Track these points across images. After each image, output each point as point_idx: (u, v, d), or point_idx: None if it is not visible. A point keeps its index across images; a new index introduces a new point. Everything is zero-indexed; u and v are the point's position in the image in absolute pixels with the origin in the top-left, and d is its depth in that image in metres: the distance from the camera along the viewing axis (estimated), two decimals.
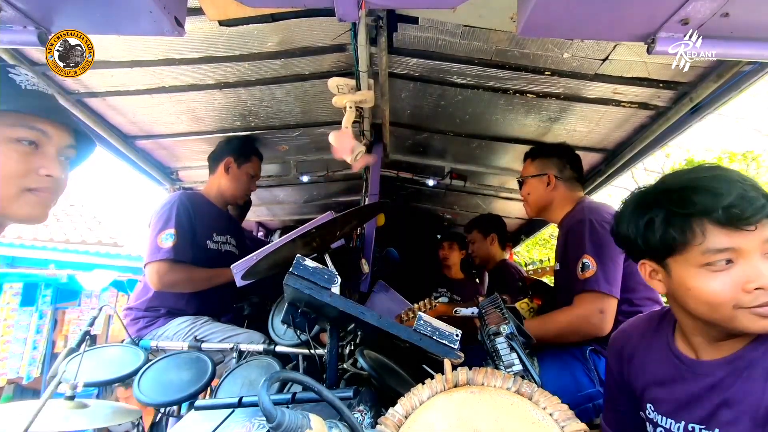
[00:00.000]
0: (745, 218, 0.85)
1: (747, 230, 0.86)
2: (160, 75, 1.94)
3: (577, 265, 1.67)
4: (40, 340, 6.47)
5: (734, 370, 0.94)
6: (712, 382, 0.97)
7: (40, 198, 0.90)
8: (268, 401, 0.68)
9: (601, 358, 1.68)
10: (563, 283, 1.84)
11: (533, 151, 2.12)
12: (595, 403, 1.67)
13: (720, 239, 0.88)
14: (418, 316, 1.08)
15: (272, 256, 1.41)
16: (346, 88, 1.93)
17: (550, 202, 1.99)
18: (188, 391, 1.54)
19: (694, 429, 0.99)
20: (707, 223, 0.89)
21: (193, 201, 2.18)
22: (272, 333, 1.74)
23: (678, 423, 1.02)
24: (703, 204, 0.89)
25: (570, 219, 1.86)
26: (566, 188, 1.99)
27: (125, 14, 1.08)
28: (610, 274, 1.62)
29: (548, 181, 1.98)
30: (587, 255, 1.65)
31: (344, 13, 1.04)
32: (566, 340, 1.71)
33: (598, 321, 1.60)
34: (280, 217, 4.16)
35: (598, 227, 1.69)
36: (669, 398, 1.06)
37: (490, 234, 3.22)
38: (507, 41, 1.68)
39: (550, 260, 9.65)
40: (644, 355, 1.15)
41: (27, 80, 0.89)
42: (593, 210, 1.77)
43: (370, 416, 0.99)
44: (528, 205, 2.10)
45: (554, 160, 2.03)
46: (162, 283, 1.98)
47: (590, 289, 1.62)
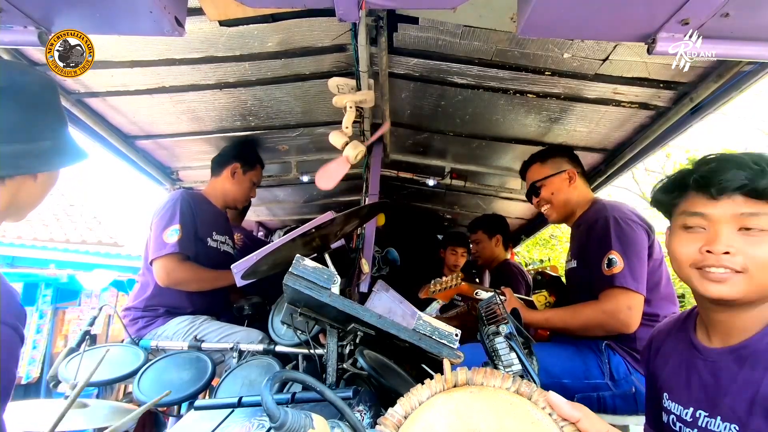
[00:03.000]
0: (711, 186, 0.94)
1: (717, 199, 0.94)
2: (160, 75, 1.94)
3: (602, 262, 1.65)
4: (40, 339, 6.47)
5: (738, 359, 0.96)
6: (717, 369, 0.99)
7: None
8: (272, 401, 0.68)
9: (616, 354, 1.68)
10: (581, 281, 1.82)
11: (542, 153, 2.05)
12: (599, 394, 1.66)
13: (694, 204, 0.98)
14: (417, 315, 1.08)
15: (272, 256, 1.41)
16: (346, 88, 1.93)
17: (573, 199, 1.93)
18: (188, 391, 1.54)
19: (700, 416, 1.00)
20: (690, 189, 0.99)
21: (194, 199, 2.22)
22: (272, 333, 1.74)
23: (686, 409, 1.04)
24: (692, 171, 0.99)
25: (590, 217, 1.83)
26: (584, 184, 1.97)
27: (125, 14, 1.08)
28: (636, 271, 1.61)
29: (569, 176, 1.93)
30: (614, 251, 1.63)
31: (344, 13, 1.04)
32: (591, 334, 1.70)
33: (626, 317, 1.59)
34: (280, 217, 4.16)
35: (623, 224, 1.68)
36: (680, 384, 1.08)
37: (495, 235, 3.20)
38: (507, 41, 1.68)
39: (550, 260, 9.66)
40: (668, 346, 1.18)
41: None
42: (615, 208, 1.75)
43: (369, 416, 0.99)
44: (554, 208, 1.97)
45: (566, 157, 2.01)
46: (169, 280, 2.00)
47: (618, 285, 1.60)
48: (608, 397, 1.65)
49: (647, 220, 1.75)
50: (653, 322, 1.64)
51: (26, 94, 0.86)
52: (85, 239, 8.57)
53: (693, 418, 1.02)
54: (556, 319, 1.73)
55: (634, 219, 1.71)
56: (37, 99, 0.88)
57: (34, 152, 0.86)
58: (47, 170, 0.90)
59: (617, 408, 1.67)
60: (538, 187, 2.00)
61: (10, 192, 0.85)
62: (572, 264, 1.91)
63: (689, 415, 1.03)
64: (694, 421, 1.02)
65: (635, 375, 1.64)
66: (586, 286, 1.75)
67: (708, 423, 0.98)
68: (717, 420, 0.97)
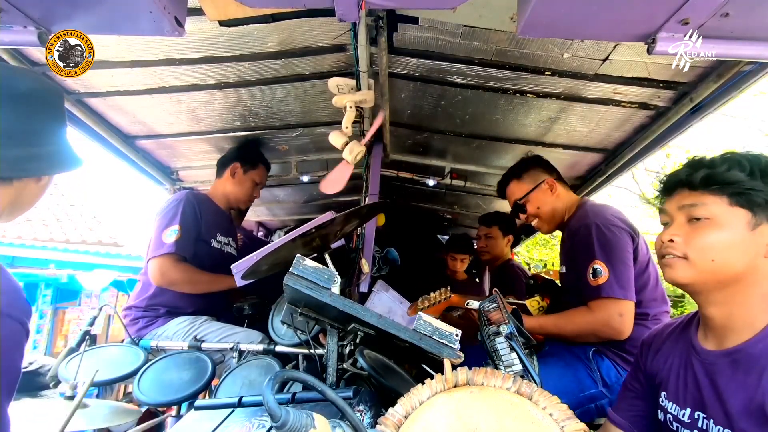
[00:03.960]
0: (665, 185, 1.10)
1: (671, 196, 1.08)
2: (160, 75, 1.94)
3: (587, 271, 1.65)
4: (40, 339, 6.48)
5: (733, 362, 0.97)
6: (713, 372, 1.00)
7: None
8: (273, 400, 0.68)
9: (604, 359, 1.68)
10: (571, 285, 1.82)
11: (515, 170, 2.03)
12: (597, 404, 1.67)
13: (663, 203, 1.12)
14: (417, 315, 1.08)
15: (272, 256, 1.41)
16: (346, 88, 1.93)
17: (560, 208, 1.92)
18: (188, 391, 1.54)
19: (698, 417, 1.01)
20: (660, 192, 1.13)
21: (199, 200, 2.22)
22: (272, 333, 1.74)
23: (683, 410, 1.06)
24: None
25: (574, 222, 1.82)
26: (565, 189, 1.97)
27: (125, 14, 1.08)
28: (622, 277, 1.60)
29: (550, 186, 1.93)
30: (598, 261, 1.63)
31: (344, 13, 1.04)
32: (582, 340, 1.70)
33: (618, 325, 1.59)
34: (280, 217, 4.16)
35: (605, 231, 1.67)
36: (677, 384, 1.10)
37: (509, 234, 3.16)
38: (507, 41, 1.68)
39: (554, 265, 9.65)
40: (668, 346, 1.19)
41: None
42: (597, 213, 1.74)
43: (369, 416, 0.99)
44: (543, 222, 1.97)
45: (538, 168, 1.99)
46: (163, 280, 2.00)
47: (605, 296, 1.60)
48: (606, 404, 1.65)
49: (631, 224, 1.75)
50: (644, 320, 1.66)
51: (37, 99, 0.89)
52: (85, 239, 8.57)
53: (691, 419, 1.03)
54: (549, 325, 1.73)
55: (617, 224, 1.70)
56: (45, 105, 0.91)
57: (42, 156, 0.89)
58: (51, 174, 0.93)
59: None
60: (522, 204, 1.99)
61: (15, 193, 0.87)
62: (563, 269, 1.92)
63: (687, 416, 1.04)
64: (692, 422, 1.02)
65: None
66: (576, 291, 1.75)
67: (706, 425, 0.99)
68: (711, 422, 0.98)
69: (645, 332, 1.64)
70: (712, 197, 1.00)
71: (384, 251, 3.20)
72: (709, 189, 1.00)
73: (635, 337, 1.63)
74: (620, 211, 1.81)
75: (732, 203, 0.98)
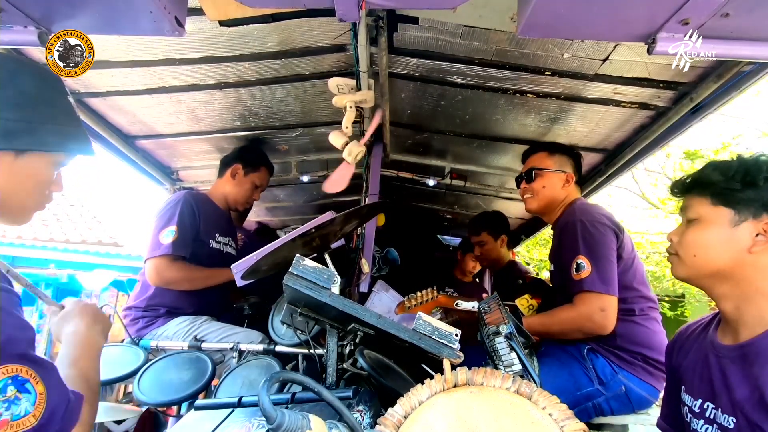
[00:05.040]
0: (671, 194, 1.18)
1: (680, 199, 1.16)
2: (160, 75, 1.94)
3: (571, 266, 1.69)
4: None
5: (743, 356, 1.00)
6: (725, 365, 1.04)
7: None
8: (268, 402, 0.68)
9: (599, 357, 1.70)
10: (558, 283, 1.85)
11: (553, 146, 2.07)
12: (594, 402, 1.68)
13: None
14: (417, 315, 1.08)
15: (272, 256, 1.41)
16: (346, 88, 1.93)
17: (559, 200, 1.96)
18: (188, 390, 1.54)
19: (708, 407, 1.06)
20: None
21: (197, 200, 2.21)
22: (272, 333, 1.74)
23: (696, 401, 1.10)
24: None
25: (562, 220, 1.87)
26: (575, 191, 1.99)
27: (125, 14, 1.08)
28: (604, 273, 1.64)
29: (566, 179, 1.96)
30: (581, 256, 1.67)
31: (344, 13, 1.04)
32: (569, 338, 1.73)
33: (600, 319, 1.61)
34: (280, 217, 4.16)
35: (590, 227, 1.71)
36: (693, 378, 1.14)
37: (500, 235, 3.03)
38: (507, 41, 1.68)
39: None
40: (690, 344, 1.22)
41: None
42: (584, 211, 1.79)
43: (369, 416, 0.99)
44: (535, 199, 1.99)
45: (571, 160, 2.03)
46: (160, 279, 2.00)
47: (587, 289, 1.63)
48: (603, 402, 1.67)
49: (616, 221, 1.78)
50: (631, 316, 1.69)
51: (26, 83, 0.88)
52: (85, 239, 8.57)
53: (701, 409, 1.07)
54: (536, 325, 1.74)
55: (602, 221, 1.73)
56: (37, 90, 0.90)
57: (28, 130, 0.87)
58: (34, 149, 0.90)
59: (614, 410, 1.69)
60: (534, 175, 2.00)
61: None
62: (552, 267, 1.95)
63: (698, 407, 1.09)
64: (701, 411, 1.07)
65: (621, 373, 1.66)
66: (562, 288, 1.78)
67: (714, 414, 1.03)
68: (719, 411, 1.02)
69: (634, 328, 1.69)
70: (697, 199, 1.10)
71: (384, 251, 3.19)
72: (694, 191, 1.11)
73: (625, 334, 1.67)
74: (608, 211, 1.85)
75: (714, 203, 1.06)
